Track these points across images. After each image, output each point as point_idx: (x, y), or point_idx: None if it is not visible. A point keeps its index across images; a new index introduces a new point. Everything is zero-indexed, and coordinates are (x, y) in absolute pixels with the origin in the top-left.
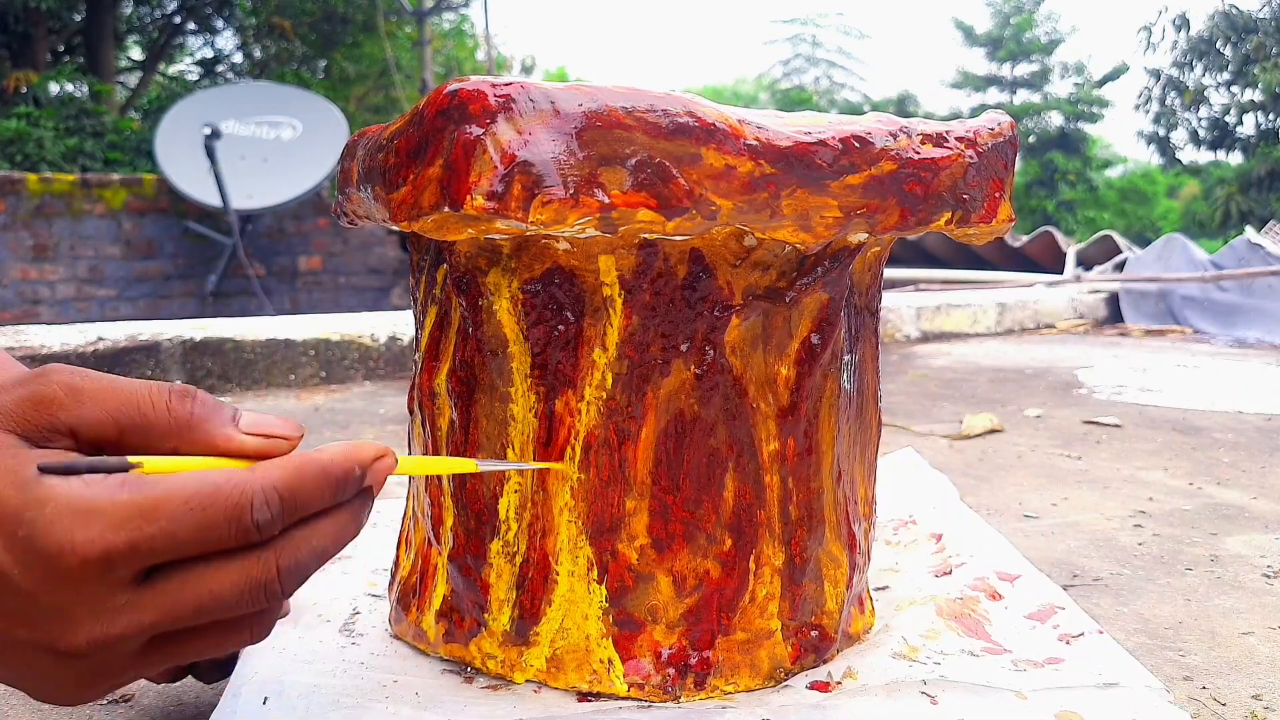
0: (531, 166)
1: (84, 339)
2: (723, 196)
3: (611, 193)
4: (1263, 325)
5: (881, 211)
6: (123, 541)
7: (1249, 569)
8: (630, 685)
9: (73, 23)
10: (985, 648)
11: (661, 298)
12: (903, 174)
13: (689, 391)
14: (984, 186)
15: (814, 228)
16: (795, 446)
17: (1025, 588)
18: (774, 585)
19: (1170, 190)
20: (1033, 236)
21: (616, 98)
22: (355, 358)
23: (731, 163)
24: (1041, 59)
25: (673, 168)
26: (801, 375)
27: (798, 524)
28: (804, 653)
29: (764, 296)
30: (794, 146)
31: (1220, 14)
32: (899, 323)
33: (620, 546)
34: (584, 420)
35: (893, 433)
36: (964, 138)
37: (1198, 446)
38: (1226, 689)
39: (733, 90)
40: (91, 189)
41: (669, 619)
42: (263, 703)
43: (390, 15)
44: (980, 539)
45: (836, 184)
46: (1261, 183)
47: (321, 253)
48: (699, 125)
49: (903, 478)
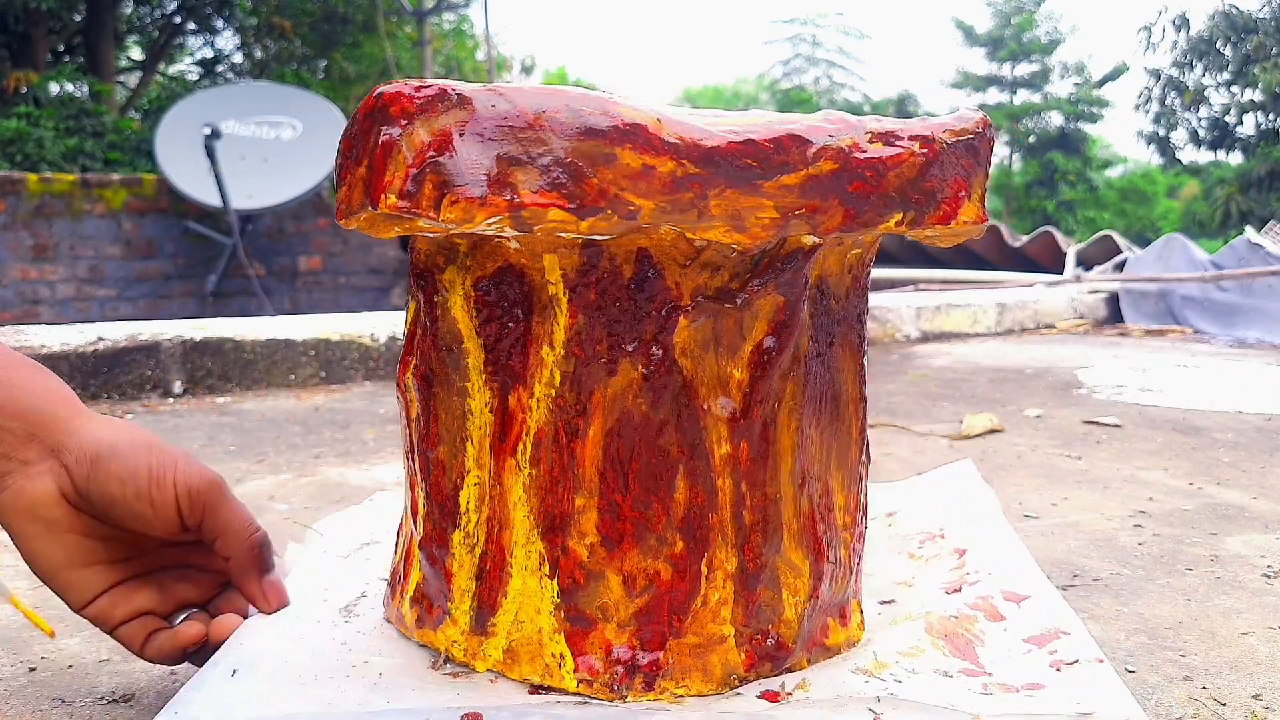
0: (442, 166)
1: (84, 339)
2: (642, 197)
3: (521, 193)
4: (1263, 325)
5: (823, 212)
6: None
7: (1249, 569)
8: (579, 681)
9: (73, 23)
10: (964, 669)
11: (607, 297)
12: (844, 174)
13: (637, 392)
14: (941, 186)
15: (749, 228)
16: (749, 451)
17: (1032, 609)
18: (727, 590)
19: (1170, 190)
20: (1033, 236)
21: (531, 99)
22: (355, 358)
23: (650, 162)
24: (1042, 59)
25: (586, 168)
26: (755, 378)
27: (752, 529)
28: (759, 661)
29: (714, 298)
30: (720, 146)
31: (1220, 14)
32: (899, 323)
33: (570, 543)
34: (535, 417)
35: (893, 433)
36: (920, 136)
37: (1198, 446)
38: (1226, 689)
39: (733, 90)
40: (91, 189)
41: (620, 618)
42: (231, 674)
43: (390, 15)
44: (1004, 557)
45: (770, 184)
46: (1261, 183)
47: (321, 253)
48: (613, 125)
49: (946, 490)
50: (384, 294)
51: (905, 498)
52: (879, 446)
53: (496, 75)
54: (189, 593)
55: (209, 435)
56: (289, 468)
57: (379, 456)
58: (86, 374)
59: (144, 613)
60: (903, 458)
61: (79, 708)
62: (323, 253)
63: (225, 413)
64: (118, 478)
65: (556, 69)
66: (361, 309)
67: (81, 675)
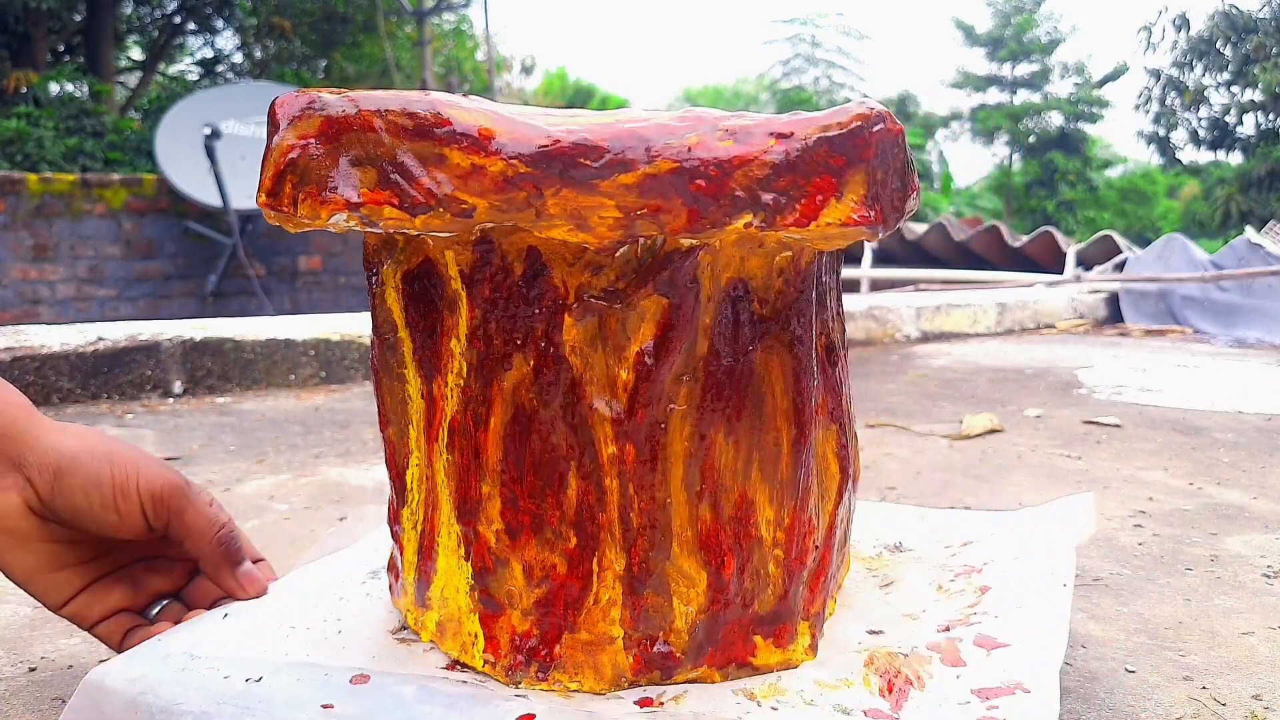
0: (296, 167)
1: (84, 339)
2: (475, 195)
3: (361, 191)
4: (1263, 325)
5: (666, 212)
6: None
7: (1249, 569)
8: (485, 662)
9: (73, 23)
10: (871, 709)
11: (500, 293)
12: (685, 173)
13: (529, 386)
14: (799, 186)
15: (593, 227)
16: (635, 453)
17: (1002, 659)
18: (616, 591)
19: (1170, 190)
20: (1033, 236)
21: (376, 102)
22: (355, 358)
23: (479, 162)
24: (1042, 59)
25: (417, 167)
26: (640, 380)
27: (639, 532)
28: (646, 666)
29: (599, 297)
30: (551, 145)
31: (1220, 14)
32: (899, 323)
33: (481, 528)
34: (450, 405)
35: (893, 433)
36: (778, 133)
37: (1198, 446)
38: (1226, 689)
39: (734, 90)
40: (91, 189)
41: (523, 606)
42: (222, 618)
43: (390, 15)
44: (1023, 601)
45: (607, 183)
46: (1261, 183)
47: (321, 253)
48: (442, 126)
49: (1037, 524)
50: None
51: (992, 528)
52: (879, 446)
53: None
54: (162, 584)
55: (209, 435)
56: (289, 468)
57: (379, 456)
58: (86, 374)
59: (120, 610)
60: (903, 458)
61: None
62: (323, 253)
63: (225, 413)
64: (81, 489)
65: (556, 69)
66: (361, 309)
67: (81, 675)
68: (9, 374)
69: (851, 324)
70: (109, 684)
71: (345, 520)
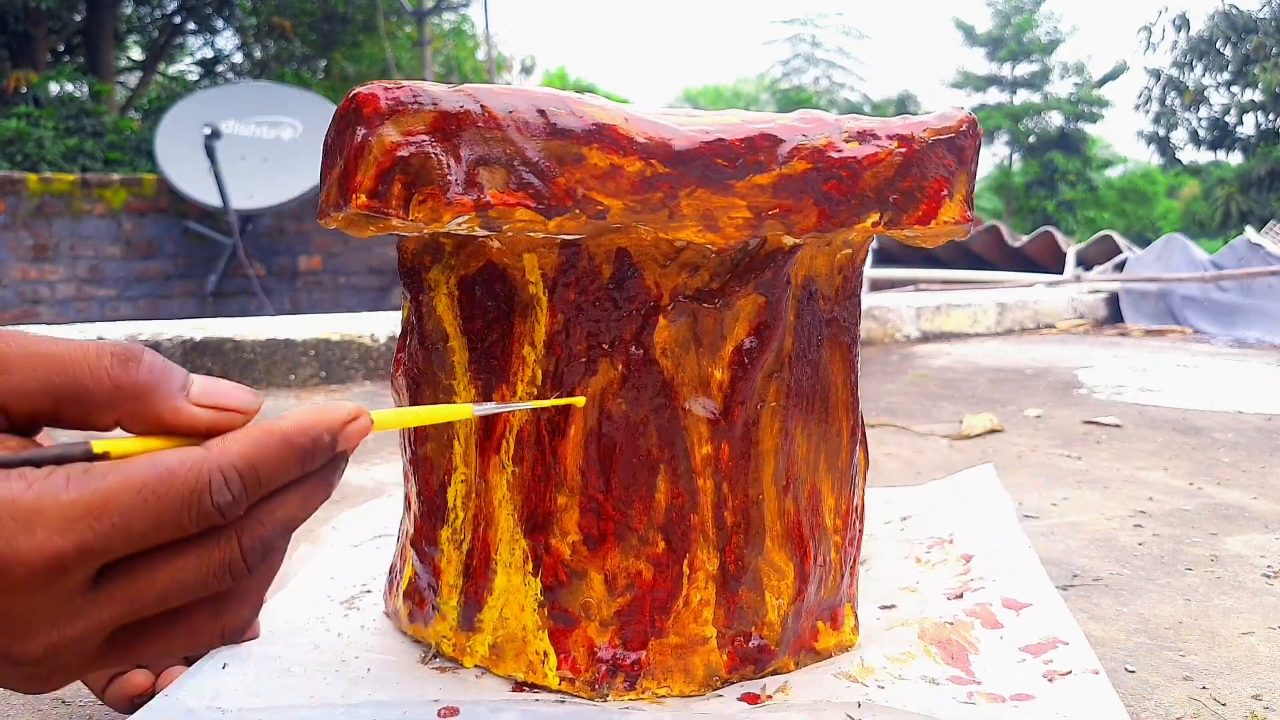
0: (410, 166)
1: (84, 339)
2: (611, 196)
3: (490, 192)
4: (1263, 325)
5: (797, 212)
6: (72, 545)
7: (1249, 569)
8: (562, 679)
9: (73, 23)
10: (953, 676)
11: (586, 296)
12: (819, 173)
13: (616, 391)
14: (920, 186)
15: (722, 228)
16: (730, 452)
17: (1031, 617)
18: (708, 591)
19: (1170, 190)
20: (1033, 236)
21: (499, 99)
22: (355, 358)
23: (617, 162)
24: (1042, 59)
25: (553, 167)
26: (736, 379)
27: (733, 530)
28: (741, 662)
29: (694, 298)
30: (690, 146)
31: (1220, 14)
32: (899, 323)
33: (553, 541)
34: (517, 415)
35: (893, 433)
36: (899, 135)
37: (1198, 446)
38: (1226, 689)
39: (734, 90)
40: (91, 189)
41: (603, 617)
42: (222, 668)
43: (390, 15)
44: (1010, 564)
45: (742, 184)
46: (1261, 183)
47: (321, 253)
48: (580, 125)
49: (962, 495)
50: (384, 294)
51: (921, 502)
52: (879, 446)
53: (496, 75)
54: None
55: None
56: None
57: (379, 456)
58: None
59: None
60: (903, 458)
61: (79, 707)
62: (323, 253)
63: None
64: None
65: (556, 69)
66: (361, 309)
67: None
68: None
69: None
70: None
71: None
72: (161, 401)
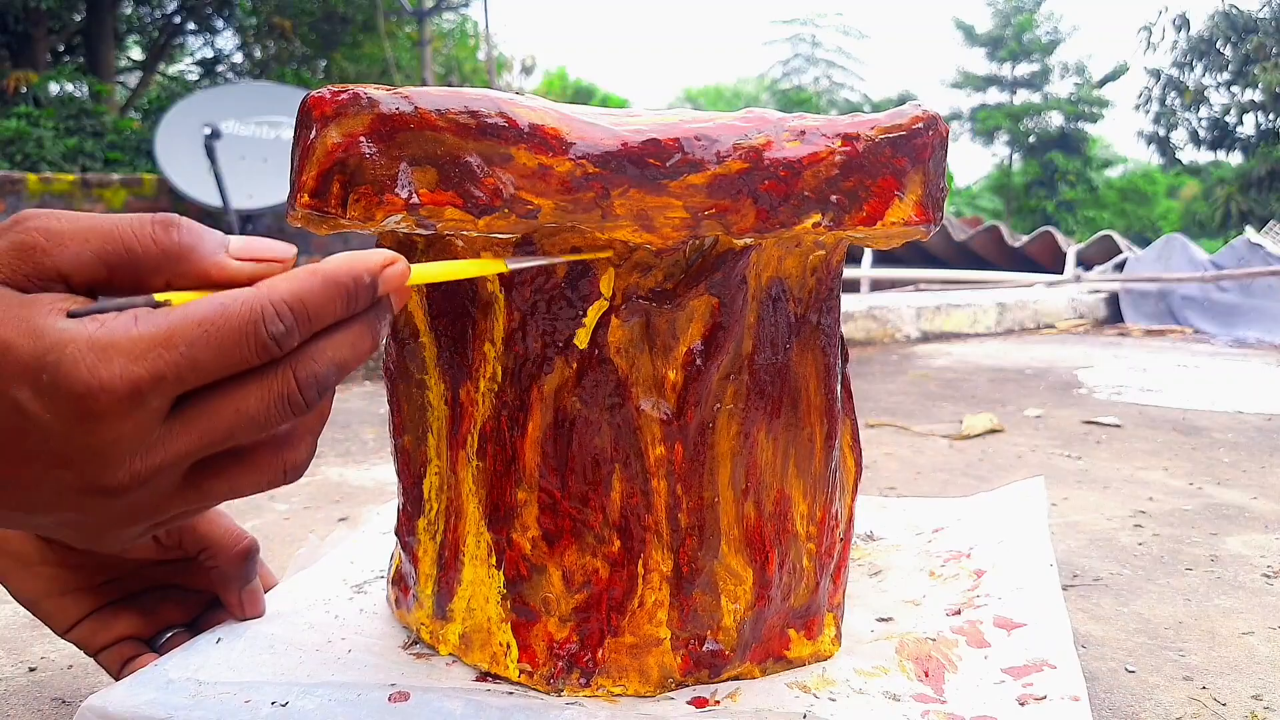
0: (347, 166)
1: None
2: (541, 196)
3: (420, 191)
4: (1263, 325)
5: (734, 212)
6: (146, 372)
7: (1249, 569)
8: (521, 672)
9: (73, 23)
10: (918, 694)
11: (542, 295)
12: (755, 173)
13: (571, 389)
14: (865, 186)
15: (658, 229)
16: (684, 453)
17: (1023, 638)
18: (663, 593)
19: (1170, 190)
20: (1033, 236)
21: (432, 100)
22: None
23: (546, 162)
24: (1042, 59)
25: (482, 167)
26: (689, 380)
27: (688, 533)
28: (695, 666)
29: (647, 298)
30: (620, 146)
31: (1220, 14)
32: (899, 323)
33: (515, 535)
34: (481, 410)
35: (893, 433)
36: (843, 133)
37: (1198, 446)
38: (1226, 689)
39: (734, 90)
40: (91, 189)
41: (561, 612)
42: (216, 643)
43: (390, 15)
44: (1021, 581)
45: (676, 184)
46: (1261, 183)
47: (321, 253)
48: (509, 126)
49: (1000, 509)
50: None
51: (959, 513)
52: (879, 446)
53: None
54: (173, 614)
55: None
56: None
57: (379, 456)
58: None
59: (125, 637)
60: (903, 458)
61: (79, 707)
62: (322, 253)
63: None
64: None
65: (557, 69)
66: None
67: (81, 675)
68: None
69: (851, 324)
70: (113, 711)
71: (345, 520)
72: (205, 258)
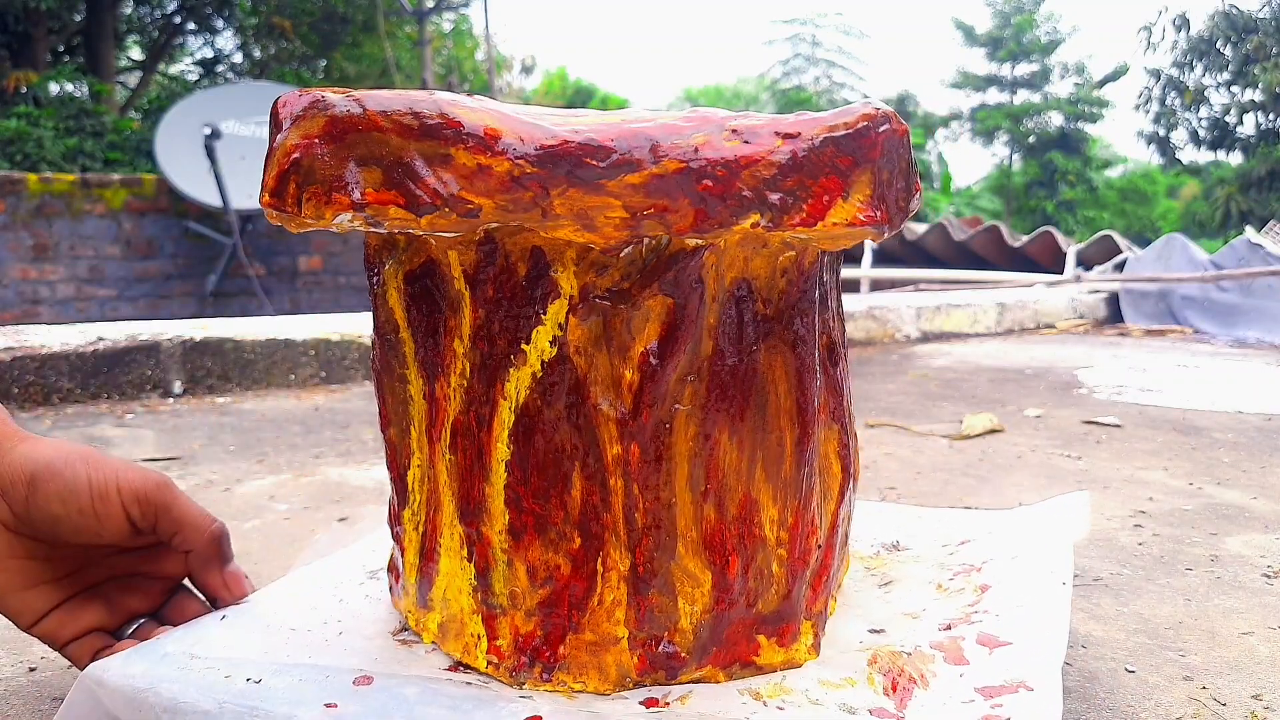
0: (300, 166)
1: (84, 339)
2: (481, 195)
3: (366, 191)
4: (1263, 325)
5: (673, 212)
6: None
7: (1249, 569)
8: (489, 663)
9: (73, 23)
10: (876, 708)
11: (504, 292)
12: (691, 173)
13: (533, 386)
14: (805, 186)
15: (599, 228)
16: (639, 453)
17: (1004, 657)
18: (621, 591)
19: (1170, 190)
20: (1033, 236)
21: (379, 102)
22: (355, 358)
23: (485, 162)
24: (1042, 59)
25: (424, 167)
26: (645, 380)
27: (644, 532)
28: (652, 666)
29: (604, 297)
30: (558, 145)
31: (1220, 14)
32: (899, 323)
33: (484, 529)
34: (453, 405)
35: (893, 433)
36: (784, 133)
37: (1198, 446)
38: (1226, 689)
39: (734, 90)
40: (91, 189)
41: (527, 606)
42: (220, 619)
43: (390, 15)
44: (1024, 599)
45: (613, 183)
46: (1261, 183)
47: (321, 253)
48: (449, 127)
49: (1032, 522)
50: None
51: (989, 527)
52: (879, 446)
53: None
54: (137, 603)
55: (209, 435)
56: (289, 468)
57: (379, 456)
58: (86, 374)
59: (92, 629)
60: (903, 458)
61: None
62: (323, 253)
63: (225, 413)
64: (58, 496)
65: (557, 69)
66: (361, 309)
67: None
68: (9, 374)
69: (851, 324)
70: (109, 680)
71: (345, 520)
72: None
